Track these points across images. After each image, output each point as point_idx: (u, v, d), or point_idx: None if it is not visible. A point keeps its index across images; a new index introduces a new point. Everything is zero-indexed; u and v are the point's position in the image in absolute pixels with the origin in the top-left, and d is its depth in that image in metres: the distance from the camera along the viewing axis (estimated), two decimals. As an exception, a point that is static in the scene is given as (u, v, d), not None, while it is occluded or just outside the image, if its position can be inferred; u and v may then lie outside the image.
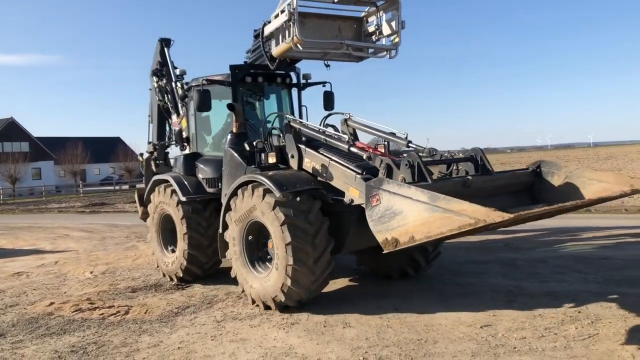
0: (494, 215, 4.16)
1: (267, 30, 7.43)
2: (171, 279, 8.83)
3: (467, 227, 4.28)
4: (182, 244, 8.40)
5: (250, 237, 7.07)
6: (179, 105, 10.05)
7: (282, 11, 6.88)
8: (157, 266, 9.34)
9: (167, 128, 11.36)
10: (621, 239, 10.65)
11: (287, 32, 6.93)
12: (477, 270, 8.41)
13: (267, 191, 6.56)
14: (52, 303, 7.67)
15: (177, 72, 9.75)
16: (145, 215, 10.76)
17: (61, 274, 10.13)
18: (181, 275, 8.56)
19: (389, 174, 5.94)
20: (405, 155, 6.28)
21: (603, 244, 10.12)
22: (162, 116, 11.15)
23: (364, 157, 6.39)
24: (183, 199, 8.28)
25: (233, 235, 7.20)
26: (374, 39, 7.59)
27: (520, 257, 9.32)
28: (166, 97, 10.62)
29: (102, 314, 7.05)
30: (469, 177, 5.98)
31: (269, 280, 6.64)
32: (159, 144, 11.12)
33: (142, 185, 12.21)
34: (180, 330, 6.22)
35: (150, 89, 11.51)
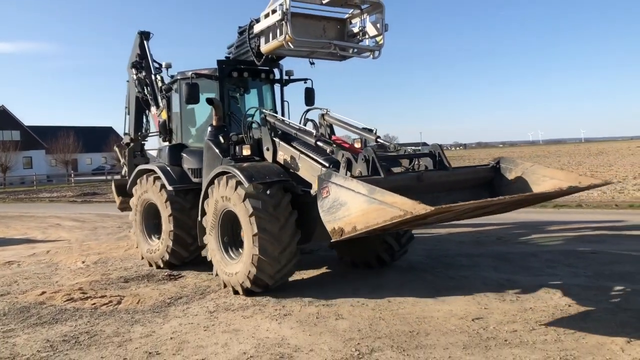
0: (419, 208, 4.48)
1: (257, 28, 7.76)
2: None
3: (397, 218, 4.57)
4: (167, 229, 8.68)
5: (225, 239, 7.49)
6: (159, 97, 10.27)
7: (274, 11, 7.21)
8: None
9: (144, 120, 11.59)
10: (611, 234, 10.75)
11: (278, 30, 7.27)
12: (469, 264, 8.46)
13: (238, 182, 6.93)
14: (43, 292, 7.64)
15: (164, 64, 9.86)
16: (123, 206, 11.17)
17: (53, 263, 10.09)
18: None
19: (349, 167, 6.24)
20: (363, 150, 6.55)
21: (593, 239, 10.20)
22: (140, 108, 11.34)
23: (327, 151, 6.81)
24: (170, 188, 8.57)
25: (212, 247, 7.59)
26: (357, 40, 7.97)
27: (512, 250, 9.37)
28: (146, 89, 10.78)
29: (94, 303, 7.03)
30: (422, 172, 6.36)
31: (243, 257, 6.99)
32: (141, 136, 11.40)
33: (118, 177, 12.47)
34: (173, 320, 6.22)
35: (127, 81, 11.68)
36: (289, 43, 7.19)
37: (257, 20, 7.85)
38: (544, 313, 5.91)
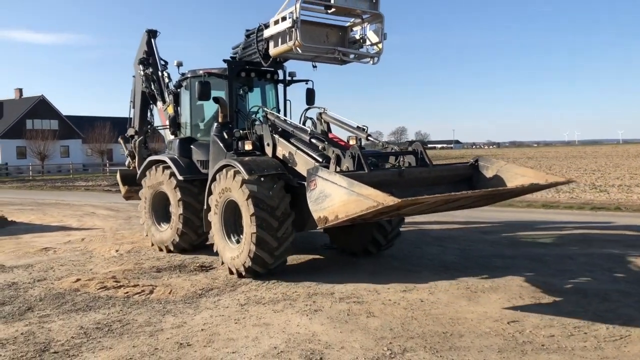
0: (388, 200, 5.01)
1: (267, 33, 8.31)
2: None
3: (372, 208, 5.12)
4: (177, 212, 9.24)
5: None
6: (165, 92, 10.85)
7: (284, 18, 7.78)
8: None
9: (149, 113, 12.10)
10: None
11: (287, 36, 7.85)
12: (504, 265, 8.27)
13: (236, 172, 7.53)
14: (78, 279, 7.76)
15: (175, 62, 10.26)
16: (128, 195, 11.94)
17: (87, 251, 10.26)
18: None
19: (338, 162, 6.79)
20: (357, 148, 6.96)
21: (633, 243, 9.87)
22: (145, 102, 11.91)
23: (320, 147, 7.43)
24: (180, 177, 9.15)
25: (216, 237, 8.17)
26: (358, 46, 8.54)
27: (549, 253, 9.14)
28: (152, 85, 11.28)
29: (127, 292, 7.10)
30: (404, 168, 6.89)
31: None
32: (150, 129, 12.01)
33: (124, 167, 13.03)
34: (204, 312, 6.24)
35: (133, 76, 12.19)
36: (298, 48, 7.76)
37: (266, 25, 8.36)
38: (582, 318, 5.72)
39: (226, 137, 8.63)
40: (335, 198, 5.59)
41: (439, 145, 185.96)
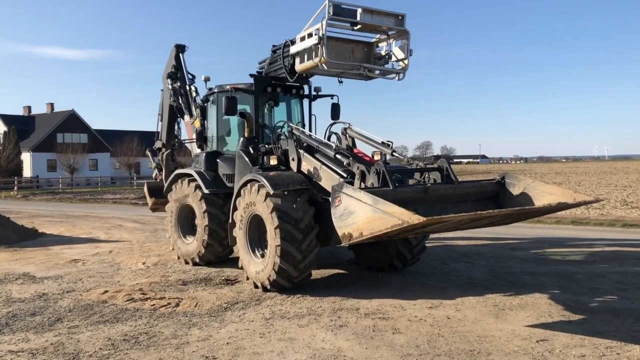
0: (413, 218, 5.00)
1: (294, 49, 8.35)
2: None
3: (396, 226, 5.11)
4: (202, 224, 9.33)
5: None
6: (193, 106, 11.03)
7: (310, 35, 7.84)
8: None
9: (176, 127, 12.30)
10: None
11: (313, 52, 7.90)
12: (533, 282, 8.12)
13: (261, 185, 7.57)
14: (106, 291, 7.86)
15: (202, 77, 10.43)
16: (155, 206, 12.14)
17: (115, 263, 10.39)
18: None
19: (363, 178, 6.81)
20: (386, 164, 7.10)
21: (668, 262, 9.60)
22: (173, 115, 12.09)
23: (345, 163, 7.46)
24: (206, 191, 9.25)
25: (241, 251, 8.17)
26: (383, 63, 8.56)
27: (579, 270, 8.95)
28: (180, 99, 11.47)
29: (154, 304, 7.16)
30: (429, 185, 6.86)
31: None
32: (177, 142, 12.24)
33: (151, 180, 13.19)
34: (229, 325, 6.25)
35: (161, 90, 12.39)
36: (323, 65, 7.80)
37: (292, 41, 8.42)
38: (614, 338, 5.58)
39: (252, 151, 8.71)
40: (360, 215, 5.59)
41: (465, 160, 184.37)
